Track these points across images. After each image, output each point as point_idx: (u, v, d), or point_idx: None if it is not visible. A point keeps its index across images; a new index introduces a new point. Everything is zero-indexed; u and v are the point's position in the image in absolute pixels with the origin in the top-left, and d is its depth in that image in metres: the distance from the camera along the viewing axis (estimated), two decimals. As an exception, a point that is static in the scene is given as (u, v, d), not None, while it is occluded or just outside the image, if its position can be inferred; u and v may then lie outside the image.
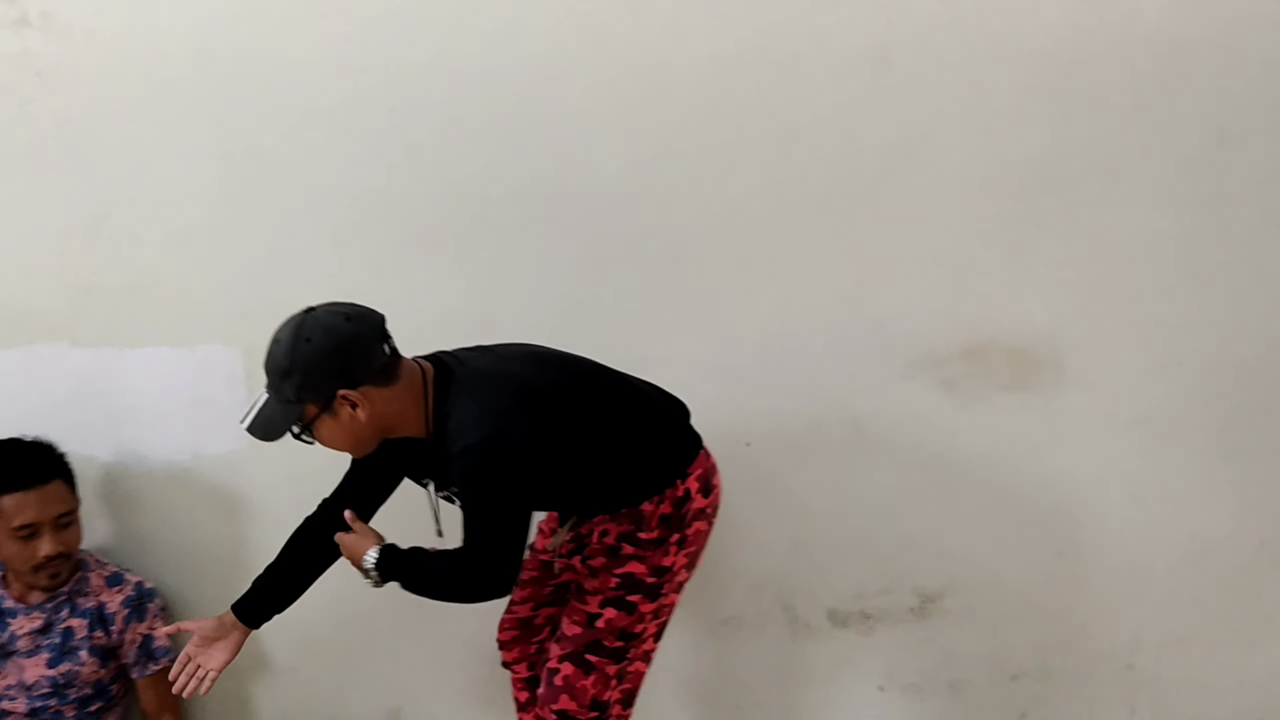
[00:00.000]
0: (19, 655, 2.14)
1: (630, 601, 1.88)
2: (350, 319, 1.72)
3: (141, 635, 2.21)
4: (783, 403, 2.27)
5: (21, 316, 2.25)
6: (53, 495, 2.11)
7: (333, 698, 2.44)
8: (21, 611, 2.15)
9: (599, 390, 1.88)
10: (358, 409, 1.71)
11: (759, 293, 2.22)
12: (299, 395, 1.71)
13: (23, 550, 2.08)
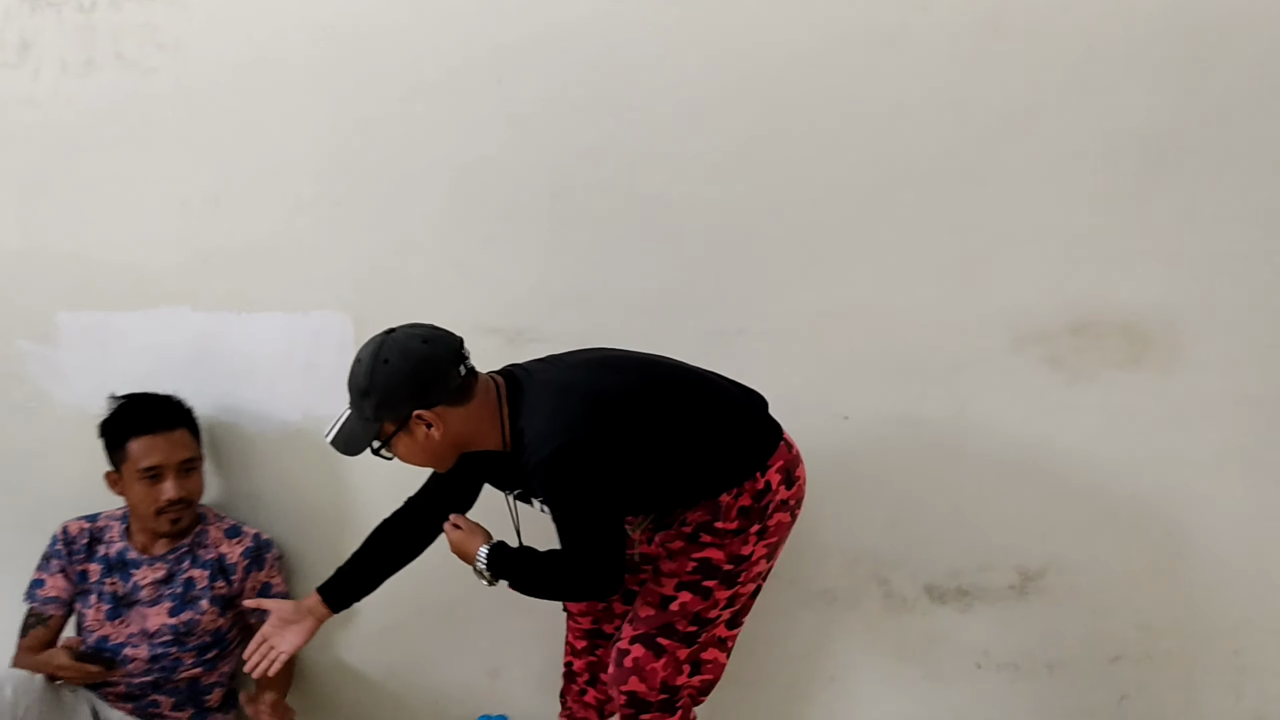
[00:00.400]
0: (142, 604, 2.24)
1: (706, 587, 1.89)
2: (427, 341, 1.79)
3: (260, 583, 2.30)
4: (882, 377, 2.25)
5: (146, 281, 2.35)
6: (178, 441, 2.20)
7: (436, 656, 2.51)
8: (145, 562, 2.25)
9: (670, 389, 1.90)
10: (433, 428, 1.78)
11: (861, 265, 2.21)
12: (377, 414, 1.78)
13: (148, 493, 2.17)
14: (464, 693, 2.47)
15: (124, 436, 2.18)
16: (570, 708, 2.24)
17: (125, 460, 2.17)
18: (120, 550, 2.26)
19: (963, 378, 2.24)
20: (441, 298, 2.30)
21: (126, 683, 2.22)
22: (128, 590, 2.24)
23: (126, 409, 2.21)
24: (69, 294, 2.36)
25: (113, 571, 2.25)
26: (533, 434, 1.77)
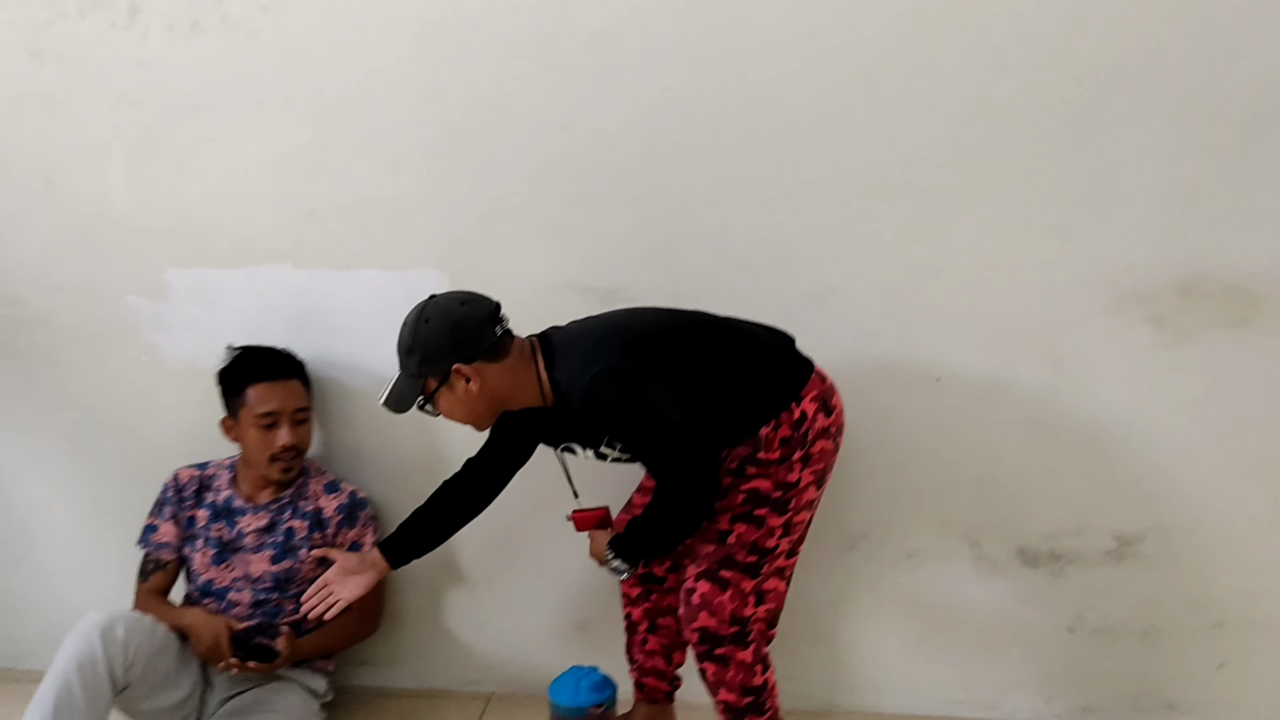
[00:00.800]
0: (246, 551, 2.32)
1: (758, 515, 1.93)
2: (465, 303, 1.94)
3: (350, 540, 2.36)
4: (977, 337, 2.22)
5: (248, 239, 2.40)
6: (293, 390, 2.29)
7: (525, 609, 2.56)
8: (250, 510, 2.33)
9: (696, 329, 1.99)
10: (471, 383, 1.91)
11: (958, 223, 2.17)
12: (420, 370, 1.92)
13: (263, 439, 2.25)
14: (554, 644, 2.52)
15: (243, 383, 2.25)
16: (637, 660, 2.28)
17: (243, 406, 2.25)
18: (227, 498, 2.34)
19: (1061, 338, 2.20)
20: (533, 256, 2.32)
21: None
22: (233, 537, 2.32)
23: (246, 358, 2.29)
24: (177, 252, 2.42)
25: (219, 518, 2.33)
26: (568, 378, 1.90)
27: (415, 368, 1.93)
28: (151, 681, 2.10)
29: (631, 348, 1.90)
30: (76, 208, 2.43)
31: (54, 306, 2.49)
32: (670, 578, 2.21)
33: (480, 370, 1.91)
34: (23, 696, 1.95)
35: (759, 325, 2.05)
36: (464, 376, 1.91)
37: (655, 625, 2.23)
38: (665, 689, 2.28)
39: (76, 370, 2.52)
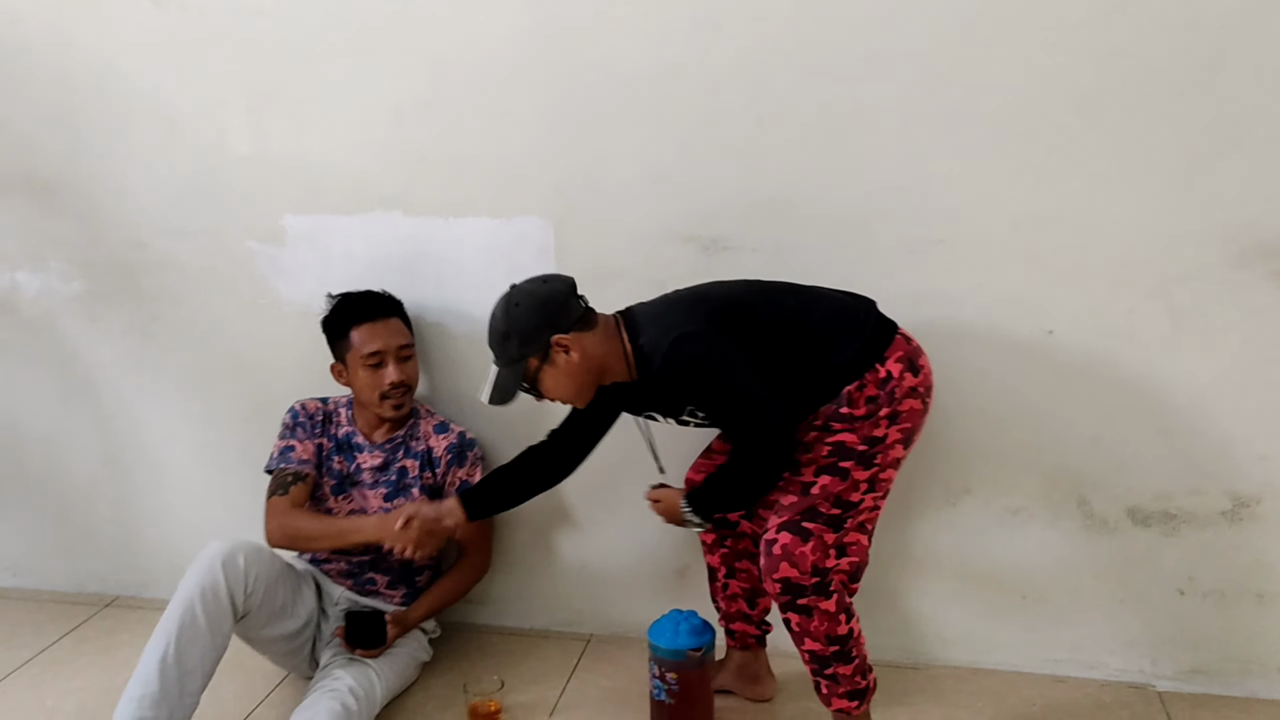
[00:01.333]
0: (363, 486, 2.39)
1: (843, 468, 1.93)
2: (546, 282, 2.02)
3: (460, 479, 2.42)
4: (1092, 289, 2.17)
5: (361, 186, 2.46)
6: (395, 329, 2.34)
7: (627, 554, 2.60)
8: (367, 448, 2.40)
9: (774, 294, 2.02)
10: (570, 352, 1.96)
11: (1075, 170, 2.11)
12: (521, 352, 1.97)
13: (371, 378, 2.30)
14: (653, 589, 2.56)
15: (346, 327, 2.30)
16: (721, 606, 2.31)
17: (349, 349, 2.30)
18: (348, 433, 2.41)
19: (1179, 292, 2.13)
20: (639, 205, 2.33)
21: (347, 560, 2.39)
22: (351, 471, 2.40)
23: (346, 303, 2.34)
24: (294, 198, 2.49)
25: (340, 451, 2.40)
26: (651, 343, 1.94)
27: (516, 351, 1.97)
28: (270, 609, 2.19)
29: (711, 314, 1.93)
30: (198, 154, 2.51)
31: (177, 250, 2.59)
32: (744, 523, 2.23)
33: (577, 339, 1.96)
34: (148, 624, 2.05)
35: (840, 291, 2.06)
36: (563, 347, 1.96)
37: (733, 570, 2.26)
38: (755, 633, 2.30)
39: (198, 312, 2.62)
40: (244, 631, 2.20)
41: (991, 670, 2.42)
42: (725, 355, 1.89)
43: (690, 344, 1.89)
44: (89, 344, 2.73)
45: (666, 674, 2.12)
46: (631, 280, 2.36)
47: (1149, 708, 2.27)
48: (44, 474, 2.88)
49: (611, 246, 2.37)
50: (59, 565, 2.94)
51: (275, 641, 2.27)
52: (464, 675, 2.38)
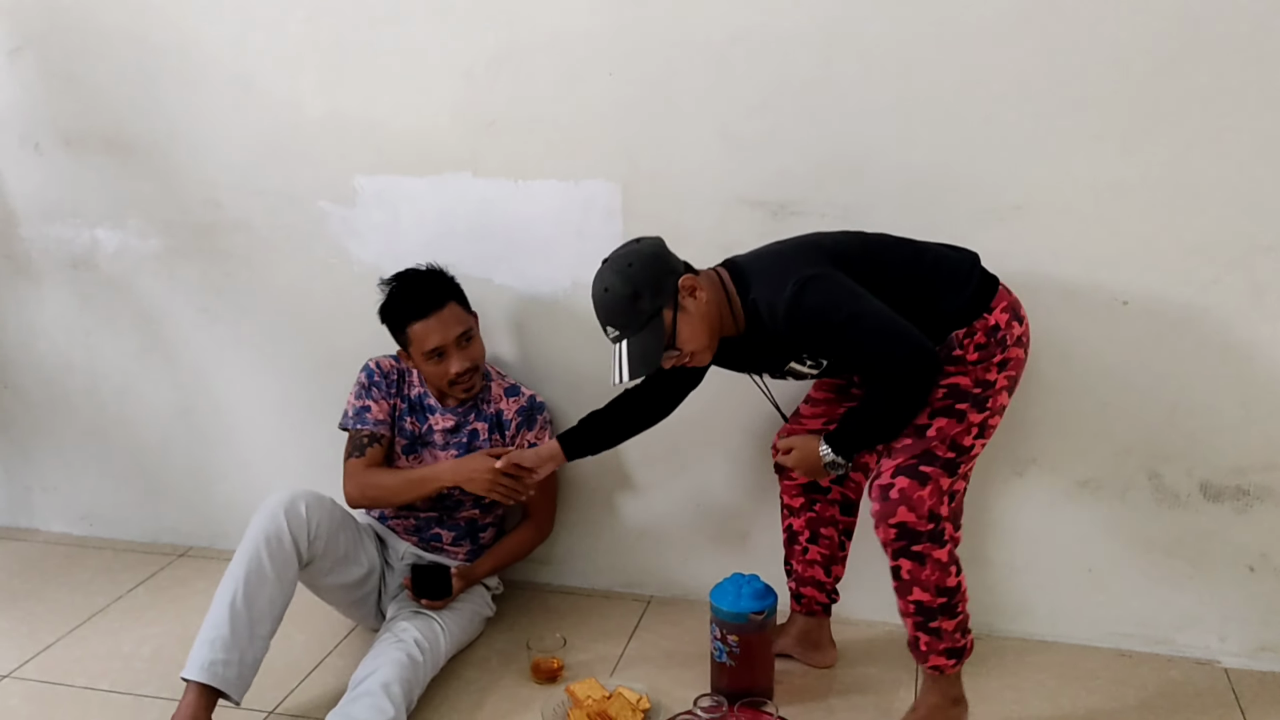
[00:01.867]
0: (434, 446, 2.42)
1: (959, 410, 1.91)
2: (639, 240, 1.98)
3: (528, 442, 2.43)
4: (1172, 259, 2.12)
5: (431, 148, 2.47)
6: (450, 318, 2.29)
7: (689, 517, 2.61)
8: (439, 410, 2.42)
9: (882, 247, 1.99)
10: (697, 292, 1.92)
11: (1157, 138, 2.06)
12: (654, 304, 1.90)
13: (436, 370, 2.30)
14: (716, 553, 2.57)
15: (403, 324, 2.28)
16: (796, 570, 2.30)
17: (410, 343, 2.29)
18: (420, 394, 2.42)
19: (1263, 263, 2.08)
20: (707, 169, 2.32)
21: (415, 516, 2.43)
22: (423, 432, 2.42)
23: (398, 296, 2.30)
24: (365, 159, 2.52)
25: (413, 411, 2.42)
26: (767, 295, 1.90)
27: (649, 305, 1.89)
28: (333, 557, 2.24)
29: (827, 259, 1.90)
30: (271, 115, 2.55)
31: (251, 210, 2.63)
32: (834, 489, 2.22)
33: (695, 280, 1.93)
34: (221, 573, 2.10)
35: (942, 244, 2.04)
36: (690, 287, 1.92)
37: (817, 535, 2.25)
38: (823, 601, 2.31)
39: (271, 271, 2.67)
40: (309, 579, 2.25)
41: (1054, 643, 2.41)
42: (853, 290, 1.85)
43: (817, 286, 1.84)
44: (165, 300, 2.79)
45: (728, 636, 2.13)
46: (699, 245, 2.33)
47: (1215, 684, 2.25)
48: (121, 427, 2.96)
49: (679, 210, 2.37)
50: (134, 516, 3.03)
51: (340, 590, 2.32)
52: (527, 632, 2.42)
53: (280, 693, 2.26)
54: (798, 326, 1.87)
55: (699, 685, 2.21)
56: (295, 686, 2.29)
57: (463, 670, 2.33)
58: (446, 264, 2.51)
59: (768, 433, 2.41)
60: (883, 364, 1.86)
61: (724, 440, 2.50)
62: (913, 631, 1.98)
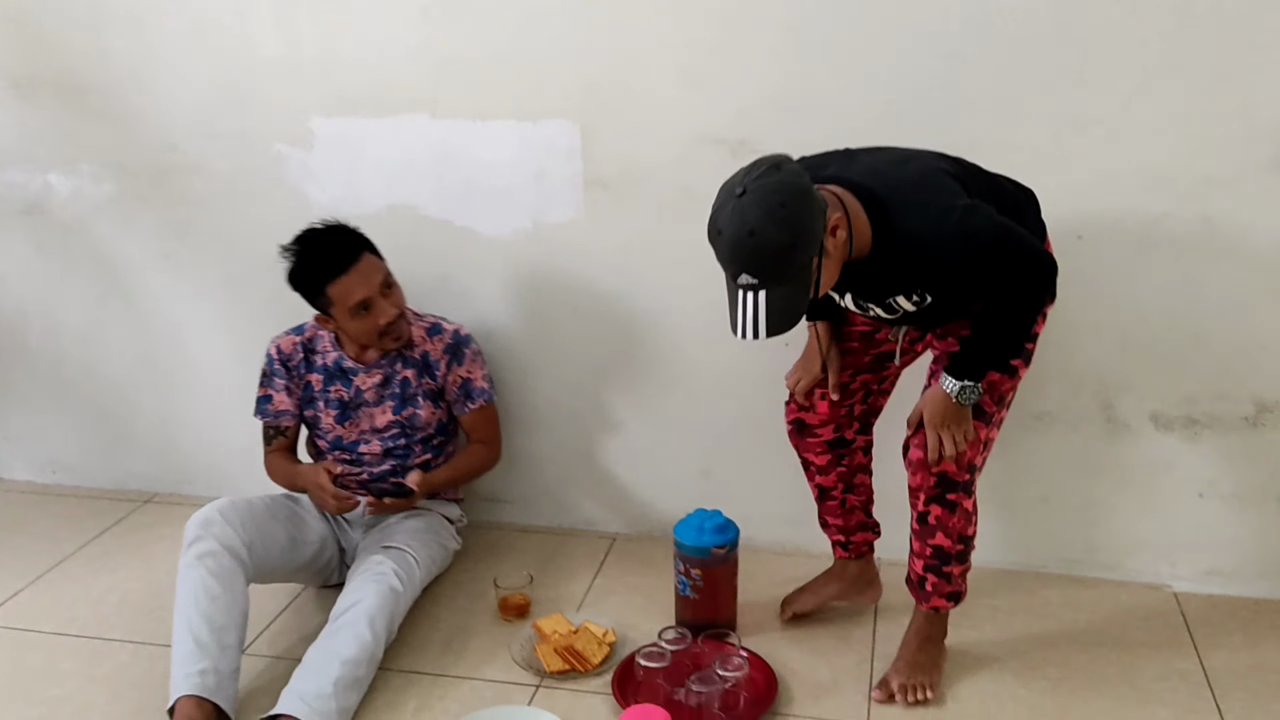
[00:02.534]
0: (368, 405, 2.38)
1: (1012, 365, 1.92)
2: (779, 168, 1.66)
3: (461, 378, 2.40)
4: (1126, 194, 2.15)
5: (388, 89, 2.45)
6: (369, 268, 2.21)
7: (653, 456, 2.65)
8: (362, 370, 2.36)
9: (977, 173, 1.90)
10: (838, 231, 1.69)
11: (1114, 74, 2.08)
12: (809, 254, 1.64)
13: (363, 325, 2.23)
14: (678, 490, 2.61)
15: (320, 285, 2.19)
16: (837, 523, 2.26)
17: (331, 304, 2.21)
18: (336, 359, 2.36)
19: (1214, 195, 2.12)
20: (667, 108, 2.32)
21: (369, 471, 2.41)
22: (351, 395, 2.37)
23: (309, 258, 2.21)
24: (322, 101, 2.48)
25: (334, 379, 2.37)
26: (916, 226, 1.70)
27: (803, 257, 1.63)
28: (278, 548, 2.20)
29: (962, 186, 1.76)
30: (226, 56, 2.50)
31: (208, 153, 2.60)
32: (859, 438, 2.20)
33: (838, 215, 1.70)
34: (184, 519, 2.10)
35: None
36: (833, 227, 1.68)
37: (852, 485, 2.22)
38: (872, 539, 2.29)
39: (229, 214, 2.64)
40: (265, 578, 2.22)
41: (1009, 570, 2.47)
42: (997, 217, 1.74)
43: (978, 215, 1.71)
44: (123, 246, 2.75)
45: (692, 570, 2.18)
46: (658, 183, 2.37)
47: (1165, 607, 2.32)
48: (82, 374, 2.94)
49: (639, 149, 2.37)
50: (99, 463, 3.02)
51: (299, 572, 2.31)
52: (493, 570, 2.45)
53: (249, 634, 2.27)
54: (963, 257, 1.70)
55: (663, 619, 2.26)
56: (264, 629, 2.31)
57: (432, 609, 2.36)
58: (407, 205, 2.52)
59: (728, 372, 2.46)
60: (1031, 283, 1.79)
61: (685, 381, 2.53)
62: (920, 572, 2.01)
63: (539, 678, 2.10)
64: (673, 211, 2.38)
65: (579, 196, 2.43)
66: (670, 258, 2.42)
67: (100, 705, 2.07)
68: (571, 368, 2.60)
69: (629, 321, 2.52)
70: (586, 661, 2.11)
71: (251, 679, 2.13)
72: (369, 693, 2.05)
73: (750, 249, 1.61)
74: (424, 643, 2.24)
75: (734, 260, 1.64)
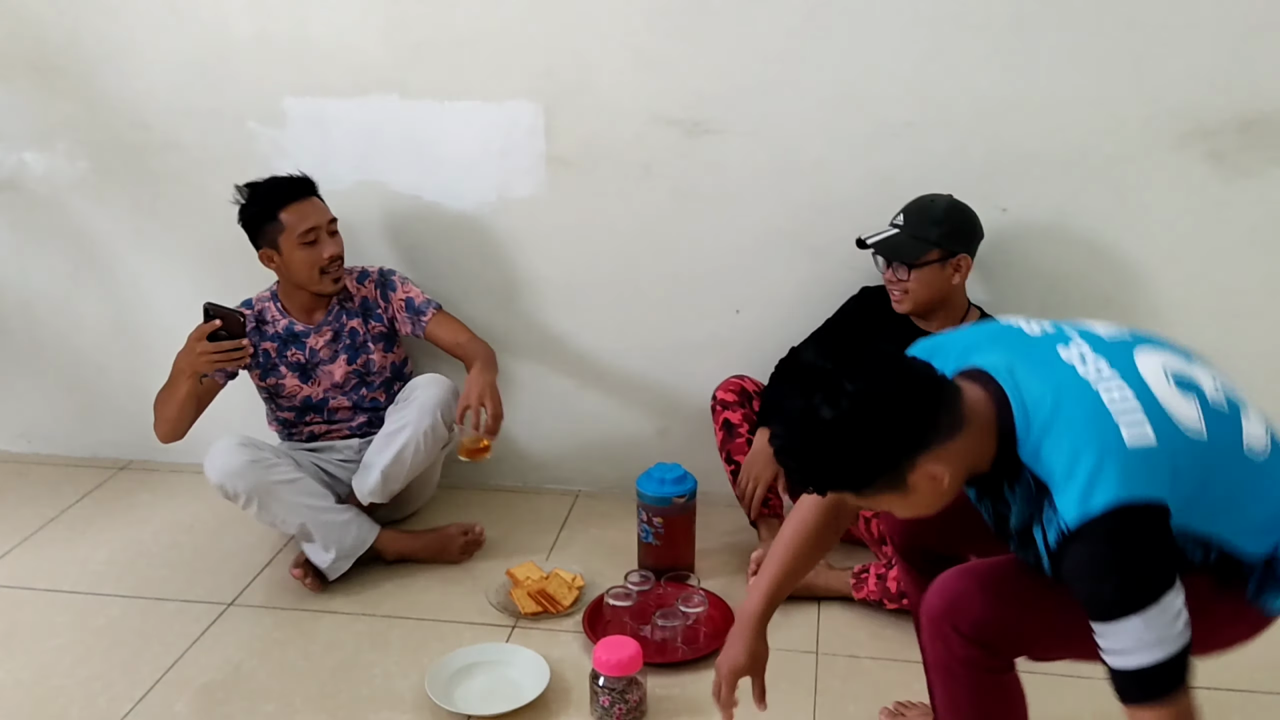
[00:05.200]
0: (325, 363, 2.50)
1: None
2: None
3: (402, 300, 2.52)
4: (1044, 170, 2.36)
5: (359, 69, 2.56)
6: (320, 206, 2.41)
7: (608, 418, 2.81)
8: (312, 331, 2.50)
9: None
10: (957, 273, 2.20)
11: (1036, 57, 2.28)
12: (940, 240, 2.16)
13: (309, 255, 2.37)
14: (635, 447, 2.77)
15: (274, 210, 2.35)
16: None
17: (281, 232, 2.35)
18: (287, 325, 2.49)
19: (1124, 172, 2.33)
20: (627, 89, 2.47)
21: (346, 426, 2.56)
22: (307, 357, 2.50)
23: (267, 188, 2.39)
24: (294, 80, 2.59)
25: (288, 344, 2.49)
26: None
27: (936, 237, 2.16)
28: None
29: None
30: (200, 34, 2.59)
31: (181, 131, 2.69)
32: None
33: (967, 267, 2.21)
34: (164, 485, 2.23)
35: None
36: (958, 267, 2.19)
37: None
38: None
39: (203, 192, 2.72)
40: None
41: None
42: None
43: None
44: (97, 222, 2.83)
45: (653, 518, 2.34)
46: (617, 161, 2.52)
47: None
48: (57, 345, 3.01)
49: (599, 129, 2.52)
50: (73, 432, 3.09)
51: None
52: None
53: (237, 586, 2.41)
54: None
55: (626, 565, 2.42)
56: (251, 580, 2.44)
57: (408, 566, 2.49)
58: (376, 181, 2.64)
59: (682, 339, 2.65)
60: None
61: (641, 347, 2.71)
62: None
63: (514, 619, 2.26)
64: (632, 187, 2.54)
65: (541, 173, 2.57)
66: (628, 231, 2.58)
67: (100, 652, 2.18)
68: (534, 335, 2.74)
69: (589, 291, 2.68)
70: (558, 604, 2.27)
71: (242, 626, 2.27)
72: (355, 636, 2.21)
73: (928, 208, 2.19)
74: (403, 590, 2.39)
75: (910, 206, 2.20)
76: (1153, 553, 1.23)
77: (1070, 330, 1.42)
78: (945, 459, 1.29)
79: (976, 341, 1.44)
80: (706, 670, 2.04)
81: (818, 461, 1.31)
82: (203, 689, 2.06)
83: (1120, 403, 1.28)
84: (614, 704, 1.89)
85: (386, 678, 2.09)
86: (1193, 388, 1.35)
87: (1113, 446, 1.25)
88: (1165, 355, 1.39)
